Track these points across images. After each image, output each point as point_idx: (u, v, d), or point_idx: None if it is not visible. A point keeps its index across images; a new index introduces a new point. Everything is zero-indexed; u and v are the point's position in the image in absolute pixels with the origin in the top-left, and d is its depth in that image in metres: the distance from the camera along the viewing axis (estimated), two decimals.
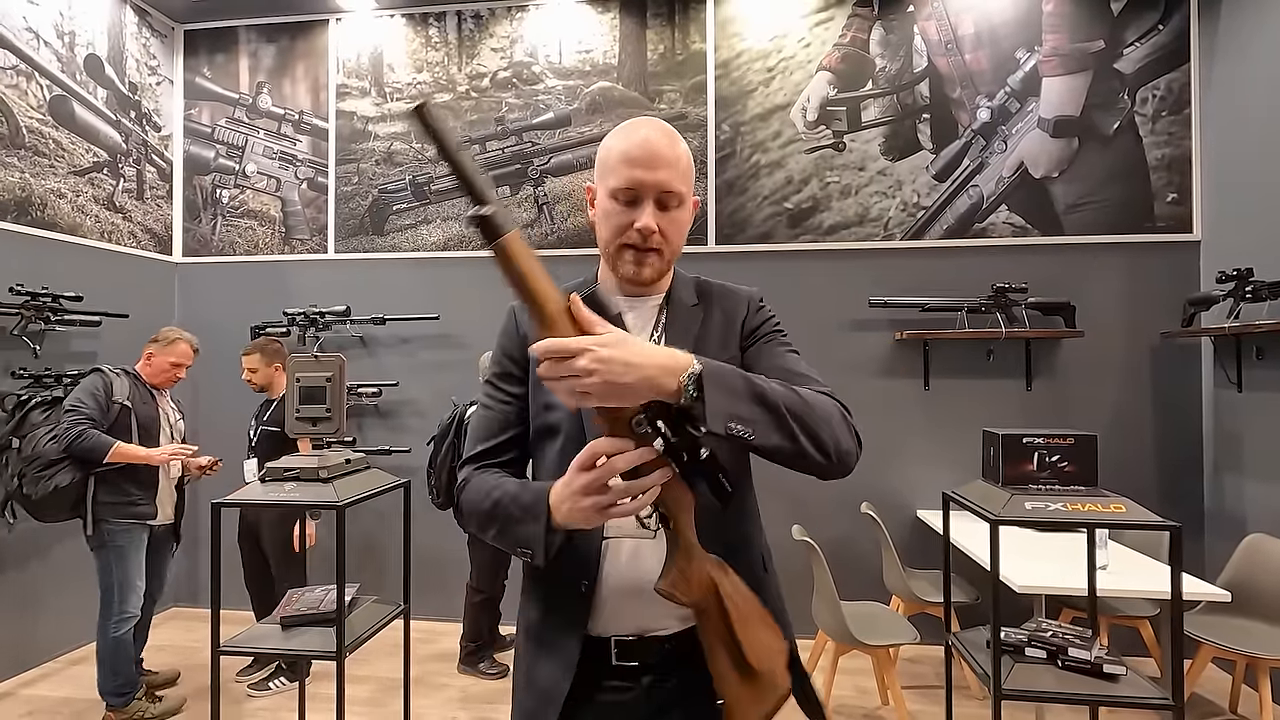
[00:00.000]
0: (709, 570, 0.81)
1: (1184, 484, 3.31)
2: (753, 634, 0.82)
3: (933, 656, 3.25)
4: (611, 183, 0.92)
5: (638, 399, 0.73)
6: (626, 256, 0.93)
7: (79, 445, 2.51)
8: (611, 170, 0.93)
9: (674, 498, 0.79)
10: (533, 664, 0.94)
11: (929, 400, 3.50)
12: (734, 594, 0.82)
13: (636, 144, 0.91)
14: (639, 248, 0.92)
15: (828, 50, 3.63)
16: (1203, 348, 3.31)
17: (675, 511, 0.79)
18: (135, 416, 2.67)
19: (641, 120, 0.95)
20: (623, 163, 0.91)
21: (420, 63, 3.97)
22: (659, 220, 0.91)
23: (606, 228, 0.94)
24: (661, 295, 1.01)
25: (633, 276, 0.94)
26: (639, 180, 0.90)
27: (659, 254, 0.93)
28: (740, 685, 0.81)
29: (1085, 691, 1.48)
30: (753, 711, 0.82)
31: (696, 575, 0.80)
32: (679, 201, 0.92)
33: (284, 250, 4.05)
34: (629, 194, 0.91)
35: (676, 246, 0.95)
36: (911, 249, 3.56)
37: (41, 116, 3.31)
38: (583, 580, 0.90)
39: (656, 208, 0.91)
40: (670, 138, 0.93)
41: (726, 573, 0.83)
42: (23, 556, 3.16)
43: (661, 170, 0.90)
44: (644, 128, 0.93)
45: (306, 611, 1.85)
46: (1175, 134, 3.38)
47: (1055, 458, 1.56)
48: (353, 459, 1.93)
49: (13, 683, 3.06)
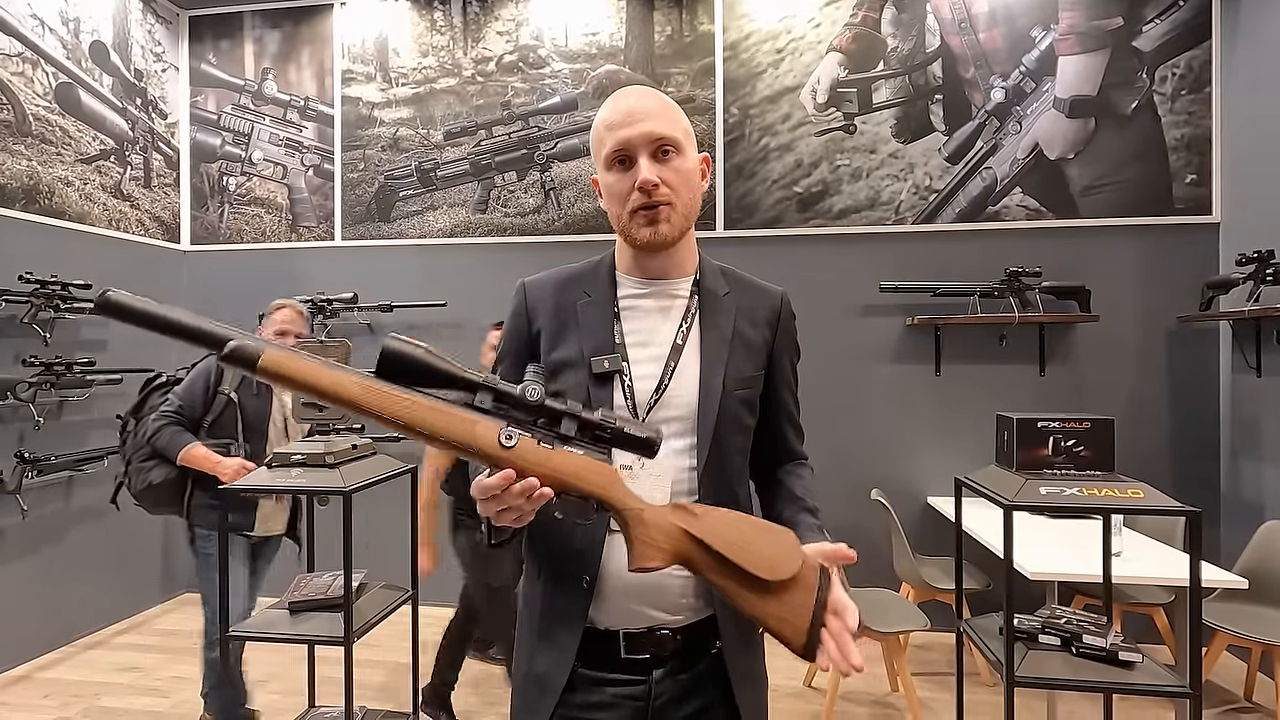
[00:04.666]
0: (670, 520, 0.76)
1: (1200, 470, 3.26)
2: (750, 551, 0.75)
3: (943, 643, 3.24)
4: (604, 152, 0.90)
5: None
6: (639, 221, 0.89)
7: (156, 442, 2.25)
8: (601, 141, 0.91)
9: (589, 480, 0.74)
10: (532, 654, 0.93)
11: (941, 386, 3.46)
12: (710, 526, 0.76)
13: (617, 109, 0.89)
14: (646, 207, 0.88)
15: (838, 30, 3.57)
16: (1221, 332, 3.25)
17: (597, 492, 0.75)
18: (241, 411, 2.32)
19: (623, 90, 0.92)
20: (607, 130, 0.89)
21: (425, 47, 3.93)
22: (659, 172, 0.87)
23: (613, 201, 0.91)
24: (689, 280, 0.97)
25: (650, 239, 0.89)
26: (625, 138, 0.87)
27: (670, 207, 0.89)
28: (768, 603, 0.74)
29: (1100, 679, 1.45)
30: (794, 621, 0.74)
31: (660, 533, 0.75)
32: (676, 149, 0.89)
33: (291, 238, 4.04)
34: (620, 154, 0.88)
35: (687, 198, 0.91)
36: (923, 233, 3.51)
37: (48, 104, 3.30)
38: (584, 575, 0.88)
39: (652, 160, 0.88)
40: (650, 94, 0.91)
41: (690, 511, 0.77)
42: (39, 541, 3.19)
43: (647, 121, 0.87)
44: (624, 95, 0.91)
45: (315, 597, 1.85)
46: (1195, 113, 3.30)
47: (1071, 442, 1.52)
48: (359, 445, 1.92)
49: (29, 666, 3.10)
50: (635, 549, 0.75)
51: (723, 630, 0.90)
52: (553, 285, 0.98)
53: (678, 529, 0.75)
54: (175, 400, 2.29)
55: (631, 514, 0.75)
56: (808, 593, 0.75)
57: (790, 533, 0.80)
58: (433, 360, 0.72)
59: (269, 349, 0.67)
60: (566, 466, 0.73)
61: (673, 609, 0.89)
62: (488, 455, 0.71)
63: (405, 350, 0.71)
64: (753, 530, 0.78)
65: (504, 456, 0.71)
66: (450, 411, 0.71)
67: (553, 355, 0.94)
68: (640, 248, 0.91)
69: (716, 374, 0.92)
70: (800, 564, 0.76)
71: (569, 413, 0.74)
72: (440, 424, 0.70)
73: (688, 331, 0.94)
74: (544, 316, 0.96)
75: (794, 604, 0.74)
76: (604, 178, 0.92)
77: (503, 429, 0.71)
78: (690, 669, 0.90)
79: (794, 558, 0.76)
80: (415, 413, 0.70)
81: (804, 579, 0.75)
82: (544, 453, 0.72)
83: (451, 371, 0.72)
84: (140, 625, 3.60)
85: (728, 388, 0.91)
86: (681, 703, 0.90)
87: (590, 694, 0.89)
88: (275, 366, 0.67)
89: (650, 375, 0.91)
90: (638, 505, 0.76)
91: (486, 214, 3.87)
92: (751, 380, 0.95)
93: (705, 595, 0.90)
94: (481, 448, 0.71)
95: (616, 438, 0.75)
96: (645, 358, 0.92)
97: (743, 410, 0.94)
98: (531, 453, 0.72)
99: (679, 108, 0.93)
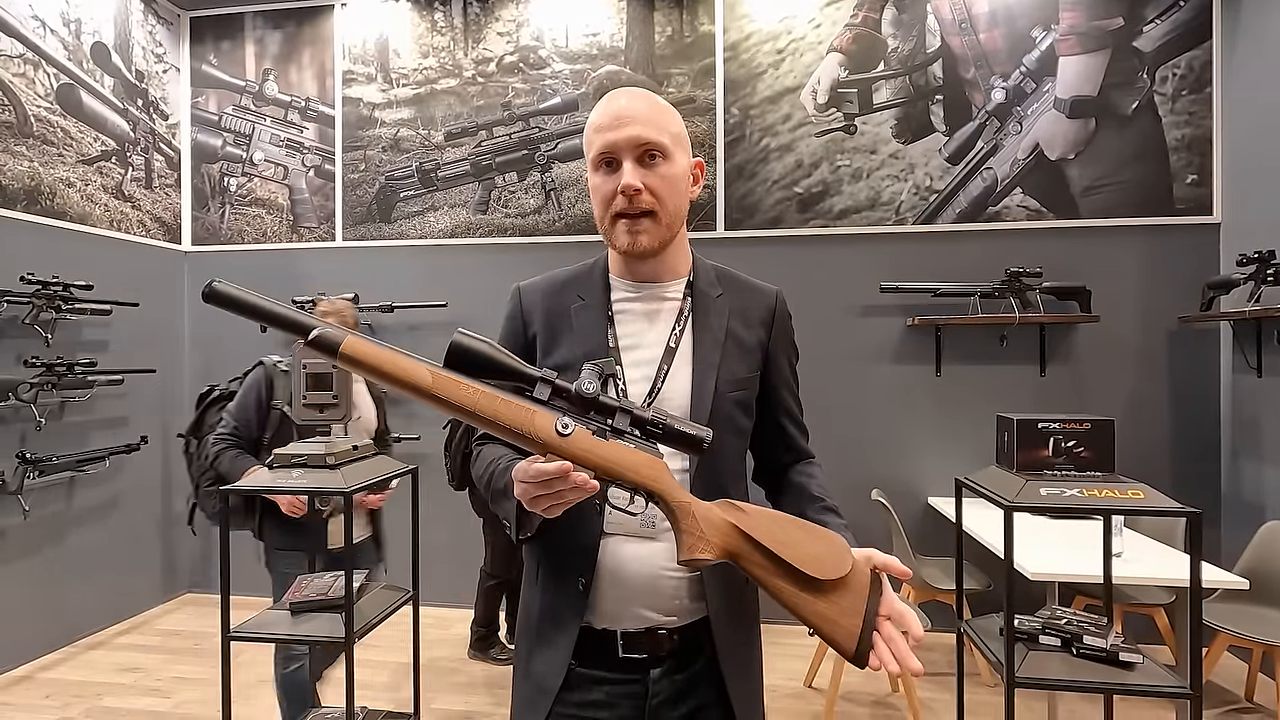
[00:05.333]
0: (719, 515, 0.77)
1: (1201, 470, 3.26)
2: (800, 549, 0.75)
3: (943, 644, 3.24)
4: (590, 155, 0.90)
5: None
6: (620, 227, 0.89)
7: (218, 467, 2.13)
8: (589, 143, 0.91)
9: (641, 472, 0.76)
10: (530, 653, 0.93)
11: (941, 386, 3.46)
12: (758, 522, 0.76)
13: (606, 111, 0.89)
14: (629, 214, 0.88)
15: (839, 31, 3.57)
16: (1221, 332, 3.25)
17: (650, 484, 0.76)
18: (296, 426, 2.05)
19: (615, 91, 0.92)
20: (595, 132, 0.89)
21: (426, 48, 3.93)
22: (643, 178, 0.87)
23: (597, 203, 0.91)
24: (682, 282, 0.97)
25: (629, 247, 0.89)
26: (611, 142, 0.87)
27: (652, 217, 0.89)
28: (817, 604, 0.74)
29: (1101, 679, 1.45)
30: (846, 623, 0.74)
31: (710, 528, 0.76)
32: (662, 155, 0.88)
33: (292, 238, 4.05)
34: (606, 157, 0.89)
35: (672, 207, 0.90)
36: (924, 233, 3.51)
37: (49, 105, 3.31)
38: (580, 576, 0.89)
39: (637, 164, 0.87)
40: (641, 96, 0.90)
41: (739, 507, 0.78)
42: (40, 541, 3.19)
43: (632, 125, 0.87)
44: (615, 96, 0.91)
45: (316, 597, 1.85)
46: (1196, 114, 3.30)
47: (1071, 443, 1.52)
48: (360, 445, 1.92)
49: (31, 666, 3.11)
50: (685, 541, 0.76)
51: (716, 631, 0.90)
52: (547, 289, 0.99)
53: (727, 524, 0.76)
54: (230, 420, 2.17)
55: (682, 507, 0.76)
56: (858, 596, 0.74)
57: (837, 535, 0.80)
58: (496, 354, 0.76)
59: (350, 336, 0.73)
60: (619, 458, 0.75)
61: (668, 609, 0.89)
62: (545, 443, 0.74)
63: (471, 344, 0.75)
64: (800, 530, 0.78)
65: (560, 445, 0.74)
66: (511, 401, 0.75)
67: (548, 359, 0.95)
68: (621, 254, 0.92)
69: (709, 376, 0.92)
70: (850, 566, 0.75)
71: (622, 407, 0.76)
72: (503, 412, 0.74)
73: (680, 334, 0.94)
74: (539, 321, 0.97)
75: (844, 607, 0.74)
76: (590, 179, 0.92)
77: (559, 418, 0.74)
78: (687, 668, 0.90)
79: (844, 559, 0.76)
80: (480, 401, 0.74)
81: (854, 582, 0.75)
82: (597, 442, 0.75)
83: (513, 365, 0.76)
84: (141, 625, 3.61)
85: (720, 389, 0.92)
86: (678, 702, 0.90)
87: (588, 693, 0.90)
88: (355, 353, 0.72)
89: (644, 378, 0.92)
90: (687, 499, 0.77)
91: (487, 215, 3.87)
92: (746, 382, 0.95)
93: (700, 596, 0.90)
94: (539, 435, 0.74)
95: (667, 434, 0.76)
96: (638, 361, 0.93)
97: (737, 412, 0.94)
98: (586, 442, 0.74)
99: (673, 111, 0.92)
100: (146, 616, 3.73)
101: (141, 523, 3.79)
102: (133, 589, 3.72)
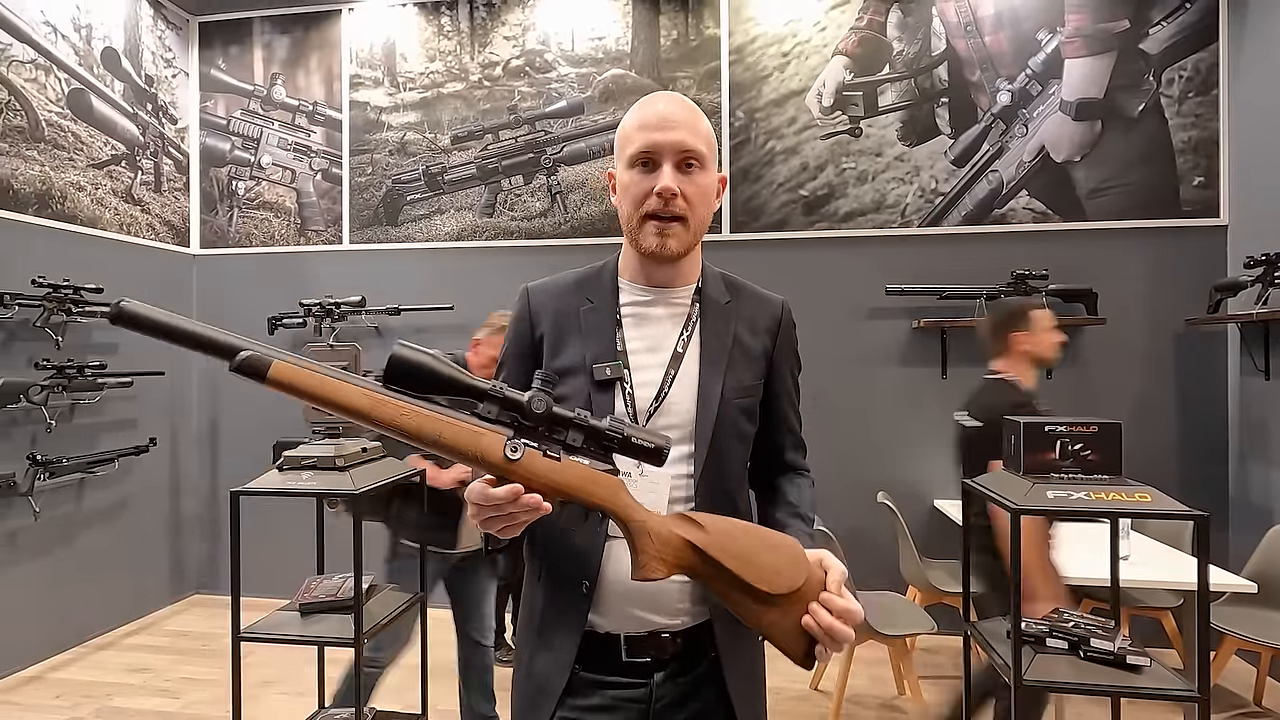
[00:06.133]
0: (673, 532, 0.76)
1: (1208, 473, 3.25)
2: (753, 563, 0.76)
3: (949, 646, 3.23)
4: (629, 151, 0.90)
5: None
6: (649, 228, 0.89)
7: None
8: (628, 140, 0.91)
9: (594, 492, 0.74)
10: (532, 656, 0.93)
11: (947, 389, 3.46)
12: (713, 538, 0.77)
13: (651, 111, 0.90)
14: (661, 216, 0.89)
15: (844, 34, 3.58)
16: (1229, 334, 3.24)
17: (603, 504, 0.75)
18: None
19: (658, 94, 0.93)
20: (638, 129, 0.89)
21: (433, 52, 3.95)
22: (680, 183, 0.88)
23: (627, 200, 0.91)
24: (690, 288, 0.97)
25: (657, 250, 0.89)
26: (655, 142, 0.88)
27: (682, 222, 0.89)
28: (769, 614, 0.77)
29: (1108, 683, 1.45)
30: (795, 636, 0.77)
31: (663, 545, 0.76)
32: (700, 164, 0.89)
33: (299, 241, 4.07)
34: (645, 156, 0.89)
35: (701, 215, 0.91)
36: (929, 236, 3.51)
37: (60, 110, 3.34)
38: (584, 580, 0.89)
39: (676, 170, 0.88)
40: (687, 105, 0.91)
41: (694, 521, 0.78)
42: (50, 543, 3.22)
43: (678, 130, 0.88)
44: (659, 99, 0.91)
45: (325, 598, 1.86)
46: (1202, 116, 3.29)
47: (1078, 446, 1.52)
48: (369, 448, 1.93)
49: (40, 666, 3.13)
50: (638, 560, 0.76)
51: (718, 636, 0.91)
52: (555, 291, 0.99)
53: (681, 540, 0.76)
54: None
55: (636, 525, 0.76)
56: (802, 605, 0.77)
57: (797, 545, 0.81)
58: (439, 367, 0.71)
59: (278, 359, 0.67)
60: (571, 479, 0.74)
61: (671, 613, 0.89)
62: (493, 467, 0.72)
63: (412, 357, 0.71)
64: (758, 541, 0.79)
65: (509, 469, 0.71)
66: (456, 423, 0.71)
67: (555, 361, 0.94)
68: (645, 255, 0.92)
69: (715, 382, 0.92)
70: (804, 578, 0.77)
71: (575, 422, 0.75)
72: (447, 435, 0.70)
73: (688, 339, 0.94)
74: (546, 322, 0.97)
75: (796, 615, 0.77)
76: (623, 175, 0.92)
77: (508, 441, 0.72)
78: (690, 672, 0.91)
79: (798, 571, 0.77)
80: (422, 424, 0.70)
81: (807, 592, 0.78)
82: (549, 465, 0.73)
83: (458, 379, 0.72)
84: (150, 626, 3.63)
85: (726, 395, 0.92)
86: (681, 706, 0.90)
87: (590, 697, 0.89)
88: (285, 378, 0.67)
89: (651, 383, 0.92)
90: (642, 517, 0.76)
91: (493, 217, 3.89)
92: (751, 389, 0.96)
93: (703, 600, 0.91)
94: (487, 459, 0.71)
95: (624, 445, 0.75)
96: (646, 365, 0.93)
97: (741, 418, 0.94)
98: (536, 465, 0.72)
99: (706, 121, 0.93)
100: (155, 617, 3.75)
101: (150, 524, 3.81)
102: (142, 590, 3.74)
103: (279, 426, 3.88)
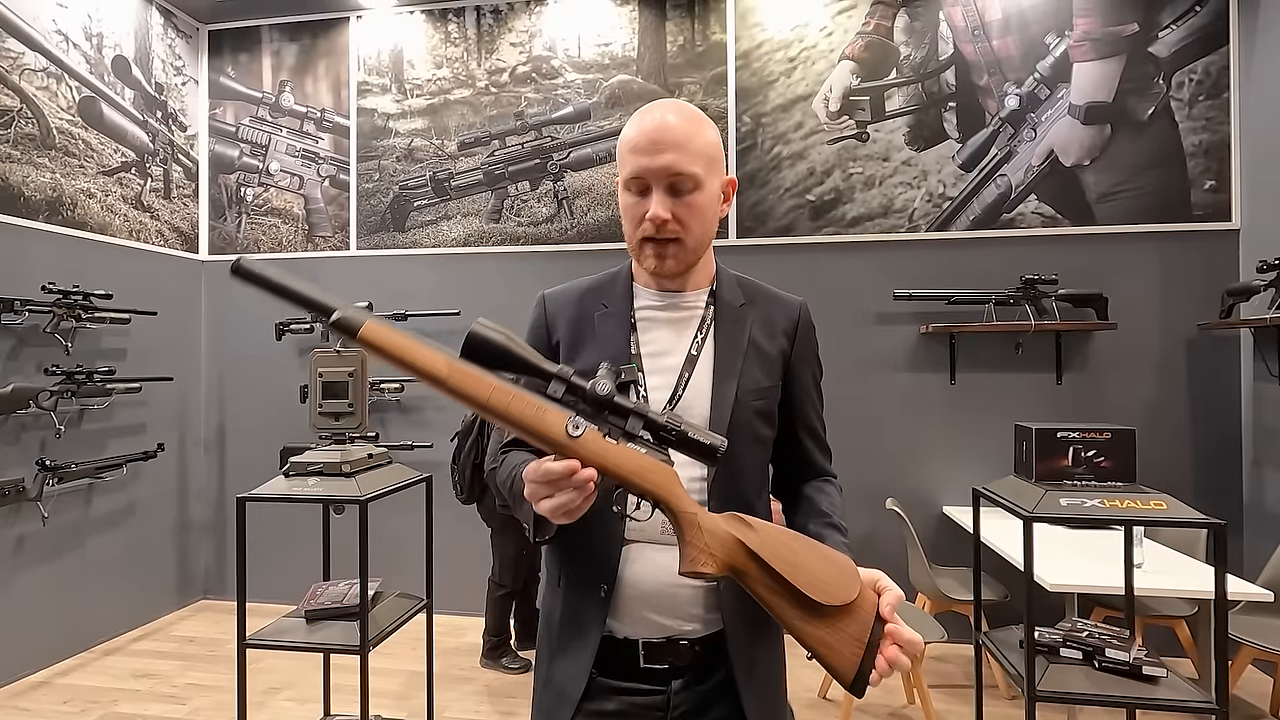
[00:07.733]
0: (725, 529, 0.75)
1: (1222, 480, 3.21)
2: (807, 571, 0.74)
3: (960, 655, 3.20)
4: (623, 174, 0.90)
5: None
6: (647, 251, 0.90)
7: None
8: (623, 160, 0.91)
9: (648, 478, 0.74)
10: (551, 660, 0.93)
11: (956, 395, 3.44)
12: (765, 540, 0.75)
13: (642, 131, 0.88)
14: (655, 239, 0.89)
15: (850, 39, 3.57)
16: (1242, 339, 3.21)
17: (656, 491, 0.75)
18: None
19: (655, 104, 0.91)
20: (629, 152, 0.89)
21: (440, 59, 3.97)
22: (672, 208, 0.87)
23: (626, 221, 0.92)
24: (704, 291, 0.97)
25: (655, 270, 0.91)
26: (644, 168, 0.87)
27: (678, 243, 0.89)
28: (820, 629, 0.73)
29: (1124, 694, 1.43)
30: (847, 651, 0.73)
31: (714, 541, 0.74)
32: (693, 185, 0.88)
33: (307, 247, 4.09)
34: (638, 183, 0.88)
35: (698, 234, 0.91)
36: (937, 240, 3.49)
37: (71, 117, 3.37)
38: (602, 584, 0.89)
39: (668, 194, 0.87)
40: (682, 117, 0.88)
41: (747, 522, 0.76)
42: (59, 548, 3.23)
43: (666, 154, 0.86)
44: (654, 111, 0.89)
45: (331, 605, 1.86)
46: (1213, 119, 3.27)
47: (1091, 453, 1.51)
48: (375, 454, 1.93)
49: (48, 672, 3.13)
50: (687, 553, 0.75)
51: (731, 643, 0.90)
52: (571, 297, 1.00)
53: (733, 538, 0.75)
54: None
55: (687, 517, 0.75)
56: (862, 624, 0.73)
57: (849, 560, 0.78)
58: (513, 347, 0.74)
59: (370, 321, 0.71)
60: (628, 462, 0.74)
61: (688, 619, 0.89)
62: (554, 442, 0.73)
63: (489, 335, 0.74)
64: (810, 550, 0.77)
65: (569, 445, 0.73)
66: (523, 397, 0.73)
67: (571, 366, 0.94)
68: (647, 274, 0.94)
69: (729, 384, 0.92)
70: (856, 592, 0.74)
71: (635, 410, 0.75)
72: (514, 407, 0.73)
73: (702, 342, 0.94)
74: (563, 328, 0.97)
75: (846, 634, 0.73)
76: (621, 196, 0.93)
77: (570, 418, 0.73)
78: (708, 680, 0.90)
79: (851, 585, 0.75)
80: (494, 396, 0.72)
81: (858, 609, 0.74)
82: (607, 446, 0.74)
83: (529, 359, 0.75)
84: (157, 632, 3.63)
85: (741, 398, 0.92)
86: (699, 714, 0.89)
87: (608, 702, 0.89)
88: (372, 338, 0.70)
89: (665, 386, 0.92)
90: (694, 509, 0.76)
91: (500, 223, 3.89)
92: (767, 391, 0.95)
93: (716, 607, 0.90)
94: (548, 434, 0.73)
95: (681, 440, 0.75)
96: (660, 368, 0.93)
97: (757, 421, 0.94)
98: (595, 444, 0.73)
99: (710, 131, 0.90)
100: (162, 623, 3.75)
101: (158, 530, 3.82)
102: (149, 595, 3.74)
103: (286, 432, 3.90)
